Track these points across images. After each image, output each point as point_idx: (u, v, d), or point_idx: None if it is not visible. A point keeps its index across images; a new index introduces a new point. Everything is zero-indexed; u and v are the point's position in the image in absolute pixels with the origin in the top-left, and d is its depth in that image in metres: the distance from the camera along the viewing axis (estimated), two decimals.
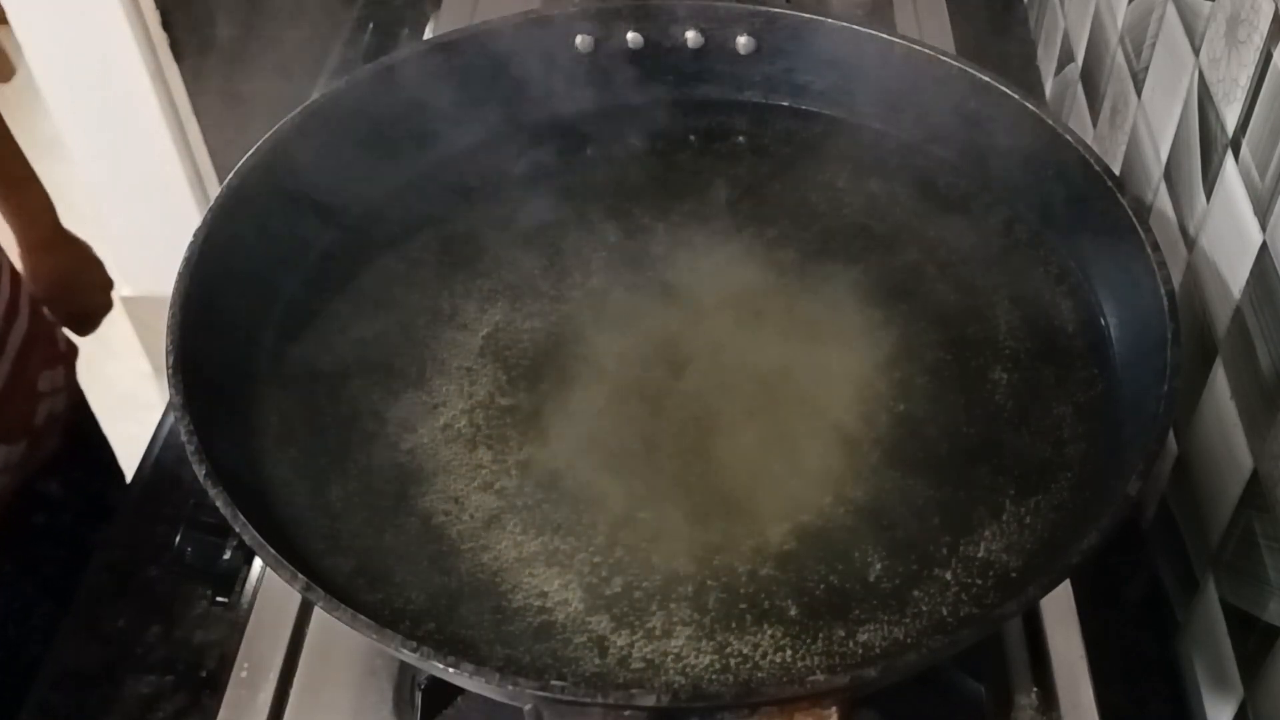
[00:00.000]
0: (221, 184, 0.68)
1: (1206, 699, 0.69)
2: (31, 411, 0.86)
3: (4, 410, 0.81)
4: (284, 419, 0.65)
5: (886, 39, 0.77)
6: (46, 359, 0.89)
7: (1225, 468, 0.66)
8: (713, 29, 0.80)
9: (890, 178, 0.78)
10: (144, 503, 0.80)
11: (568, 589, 0.58)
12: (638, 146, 0.82)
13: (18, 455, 0.84)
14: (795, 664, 0.56)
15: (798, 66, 0.80)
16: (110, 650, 0.72)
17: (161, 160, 1.80)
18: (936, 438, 0.64)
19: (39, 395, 0.88)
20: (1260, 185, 0.62)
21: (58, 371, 0.91)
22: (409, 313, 0.71)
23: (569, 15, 0.79)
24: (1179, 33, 0.75)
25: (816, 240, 0.75)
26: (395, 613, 0.57)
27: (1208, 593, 0.69)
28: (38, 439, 0.87)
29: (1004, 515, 0.61)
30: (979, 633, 0.55)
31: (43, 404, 0.88)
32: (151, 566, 0.76)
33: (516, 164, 0.79)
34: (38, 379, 0.87)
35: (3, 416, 0.81)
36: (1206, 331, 0.69)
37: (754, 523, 0.60)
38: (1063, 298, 0.71)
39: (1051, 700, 0.66)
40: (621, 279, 0.73)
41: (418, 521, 0.61)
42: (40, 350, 0.87)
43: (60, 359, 0.92)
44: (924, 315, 0.70)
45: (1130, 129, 0.84)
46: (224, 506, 0.54)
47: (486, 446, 0.64)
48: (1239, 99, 0.65)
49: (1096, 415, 0.65)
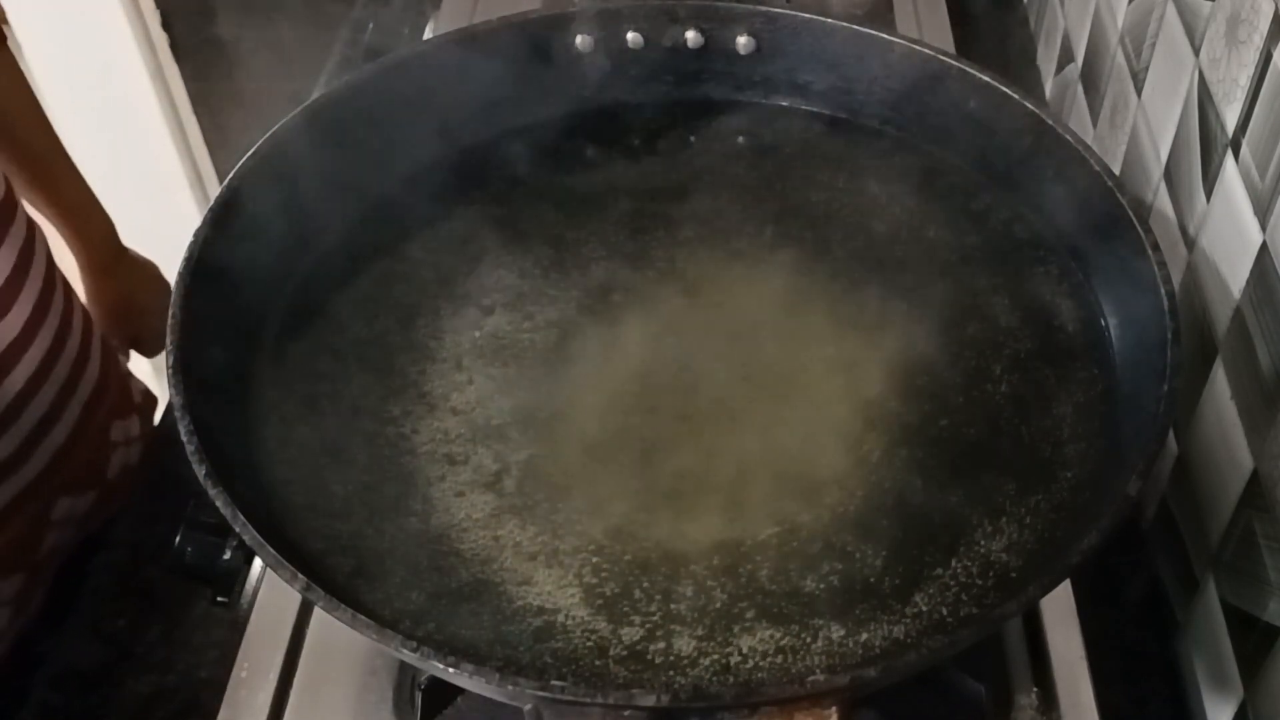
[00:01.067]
0: (221, 184, 0.68)
1: (1206, 699, 0.69)
2: (104, 462, 0.84)
3: (70, 460, 0.79)
4: (284, 419, 0.65)
5: (887, 39, 0.77)
6: (119, 408, 0.87)
7: (1225, 468, 0.66)
8: (713, 29, 0.80)
9: (890, 178, 0.78)
10: (144, 503, 0.80)
11: (568, 589, 0.58)
12: (637, 146, 0.82)
13: (84, 506, 0.82)
14: (795, 664, 0.55)
15: (798, 66, 0.80)
16: (110, 650, 0.72)
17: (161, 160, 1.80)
18: (936, 438, 0.64)
19: (111, 445, 0.85)
20: (1260, 185, 0.62)
21: (132, 421, 0.88)
22: (409, 312, 0.71)
23: (569, 15, 0.79)
24: (1179, 33, 0.75)
25: (816, 240, 0.75)
26: (395, 613, 0.57)
27: (1208, 593, 0.69)
28: (109, 491, 0.85)
29: (1004, 515, 0.61)
30: (979, 633, 0.55)
31: (116, 454, 0.86)
32: (151, 566, 0.76)
33: (517, 164, 0.79)
34: (110, 428, 0.85)
35: (69, 466, 0.79)
36: (1206, 331, 0.69)
37: (754, 523, 0.60)
38: (1063, 298, 0.71)
39: (1051, 700, 0.66)
40: (622, 279, 0.73)
41: (418, 521, 0.61)
42: (111, 398, 0.85)
43: (135, 409, 0.90)
44: (923, 315, 0.70)
45: (1130, 129, 0.84)
46: (224, 506, 0.54)
47: (487, 446, 0.64)
48: (1239, 99, 0.65)
49: (1096, 415, 0.65)
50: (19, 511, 0.75)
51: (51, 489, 0.78)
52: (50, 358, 0.75)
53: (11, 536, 0.76)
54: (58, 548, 0.81)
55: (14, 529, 0.76)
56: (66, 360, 0.77)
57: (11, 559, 0.77)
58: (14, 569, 0.77)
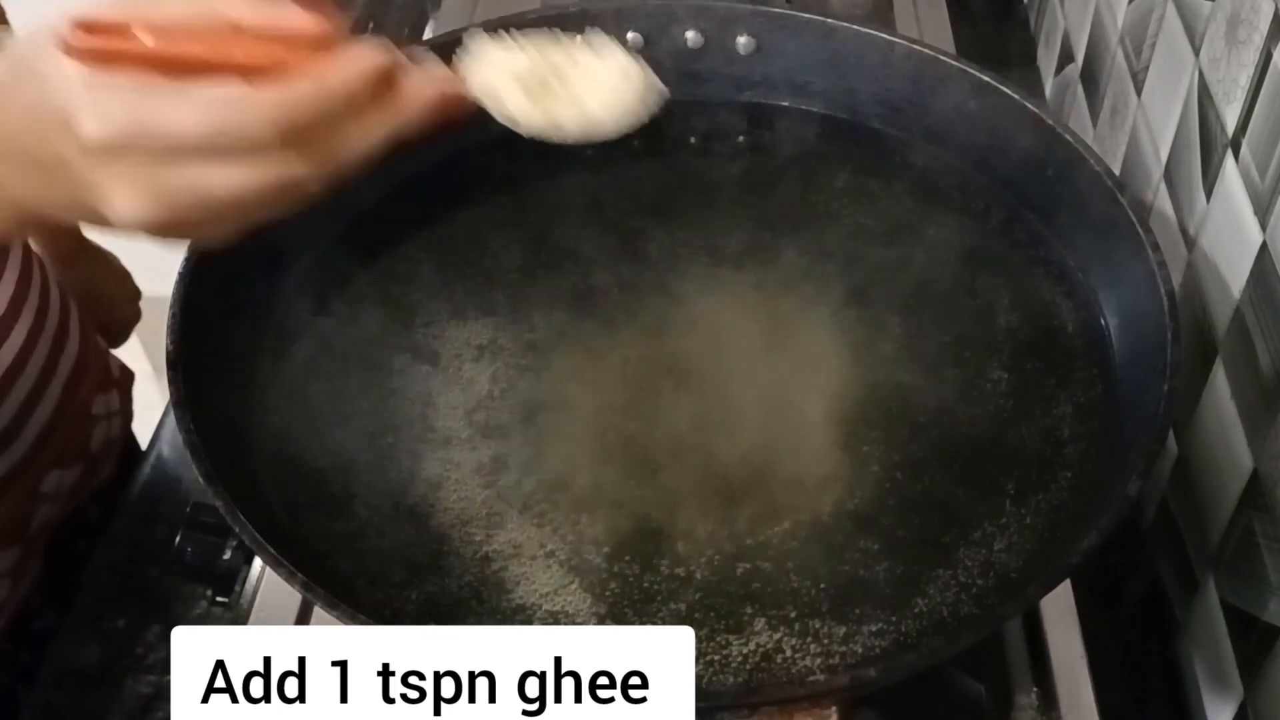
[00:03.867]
0: None
1: (1206, 699, 0.69)
2: (87, 436, 0.86)
3: (57, 434, 0.81)
4: (284, 418, 0.65)
5: (887, 39, 0.77)
6: (99, 383, 0.89)
7: (1225, 467, 0.66)
8: (713, 29, 0.80)
9: (890, 178, 0.78)
10: (144, 503, 0.80)
11: (568, 589, 0.58)
12: (637, 147, 0.82)
13: (72, 480, 0.84)
14: (795, 664, 0.55)
15: (798, 66, 0.80)
16: (110, 650, 0.72)
17: None
18: (936, 438, 0.64)
19: (93, 419, 0.87)
20: (1260, 185, 0.62)
21: (112, 395, 0.90)
22: (409, 312, 0.71)
23: (569, 15, 0.79)
24: (1179, 33, 0.75)
25: (816, 240, 0.75)
26: (395, 613, 0.57)
27: (1208, 593, 0.69)
28: (94, 464, 0.87)
29: (1004, 515, 0.61)
30: (979, 633, 0.55)
31: (98, 428, 0.87)
32: (151, 566, 0.76)
33: (516, 164, 0.79)
34: (91, 403, 0.86)
35: (57, 441, 0.81)
36: (1206, 331, 0.69)
37: (754, 523, 0.60)
38: (1062, 298, 0.71)
39: (1051, 700, 0.66)
40: (621, 279, 0.73)
41: (418, 521, 0.61)
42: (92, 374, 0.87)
43: (114, 384, 0.92)
44: (923, 315, 0.70)
45: (1130, 129, 0.84)
46: (224, 506, 0.54)
47: (487, 446, 0.64)
48: (1239, 99, 0.65)
49: (1096, 415, 0.65)
50: (12, 486, 0.77)
51: (41, 463, 0.80)
52: (33, 335, 0.76)
53: (6, 510, 0.77)
54: (49, 521, 0.83)
55: (8, 503, 0.77)
56: (48, 337, 0.78)
57: (7, 532, 0.78)
58: (10, 541, 0.79)
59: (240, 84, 0.43)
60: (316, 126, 0.44)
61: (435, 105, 0.47)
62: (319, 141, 0.44)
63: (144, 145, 0.42)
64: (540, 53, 0.52)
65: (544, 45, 0.52)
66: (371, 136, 0.46)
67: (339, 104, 0.44)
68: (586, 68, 0.53)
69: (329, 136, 0.45)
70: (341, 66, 0.44)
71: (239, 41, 0.44)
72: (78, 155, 0.43)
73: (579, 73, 0.53)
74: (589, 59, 0.53)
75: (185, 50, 0.43)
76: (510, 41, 0.52)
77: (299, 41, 0.44)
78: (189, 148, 0.42)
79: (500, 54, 0.51)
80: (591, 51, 0.53)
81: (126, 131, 0.42)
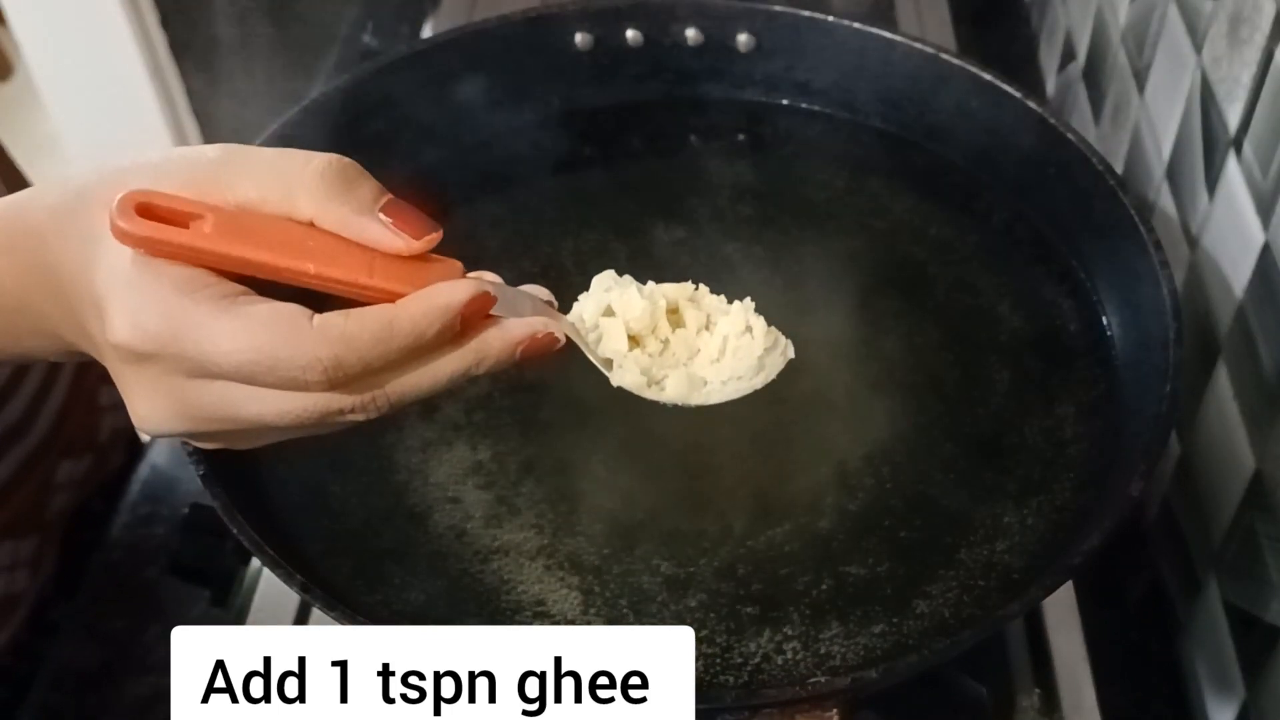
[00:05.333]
0: None
1: (1208, 700, 0.68)
2: (95, 426, 0.87)
3: (68, 424, 0.81)
4: None
5: (888, 37, 0.77)
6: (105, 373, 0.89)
7: (1227, 468, 0.66)
8: (713, 27, 0.80)
9: (890, 177, 0.78)
10: (144, 503, 0.80)
11: (567, 590, 0.58)
12: (637, 145, 0.81)
13: (83, 470, 0.85)
14: (796, 666, 0.55)
15: (798, 64, 0.80)
16: (110, 650, 0.72)
17: None
18: (937, 438, 0.64)
19: (101, 409, 0.88)
20: (1262, 184, 0.62)
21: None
22: None
23: (568, 13, 0.79)
24: (1181, 31, 0.74)
25: (816, 240, 0.74)
26: (394, 613, 0.57)
27: (1210, 593, 0.68)
28: (103, 454, 0.88)
29: (1006, 516, 0.61)
30: (981, 634, 0.55)
31: (106, 419, 0.88)
32: (151, 567, 0.76)
33: (515, 163, 0.79)
34: (99, 392, 0.87)
35: (66, 430, 0.81)
36: (1209, 331, 0.69)
37: (754, 524, 0.60)
38: (1064, 297, 0.71)
39: (1054, 701, 0.66)
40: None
41: (417, 522, 0.61)
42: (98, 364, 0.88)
43: None
44: (924, 315, 0.70)
45: (1132, 128, 0.84)
46: (222, 506, 0.53)
47: (487, 446, 0.64)
48: (1241, 98, 0.65)
49: (1098, 415, 0.64)
50: (29, 476, 0.78)
51: (54, 453, 0.81)
52: None
53: (23, 499, 0.78)
54: (63, 510, 0.84)
55: (25, 493, 0.79)
56: None
57: (25, 521, 0.79)
58: (28, 531, 0.80)
59: (294, 309, 0.39)
60: (373, 370, 0.40)
61: (519, 350, 0.43)
62: (374, 383, 0.40)
63: (173, 355, 0.39)
64: (663, 299, 0.47)
65: (671, 294, 0.48)
66: (438, 379, 0.41)
67: (404, 350, 0.40)
68: (710, 325, 0.48)
69: (386, 379, 0.40)
70: (417, 303, 0.40)
71: (311, 249, 0.40)
72: (107, 347, 0.40)
73: (697, 330, 0.48)
74: (716, 314, 0.48)
75: (246, 256, 0.39)
76: (634, 284, 0.48)
77: (381, 259, 0.40)
78: (222, 371, 0.39)
79: (616, 293, 0.47)
80: (722, 308, 0.48)
81: (157, 343, 0.39)
